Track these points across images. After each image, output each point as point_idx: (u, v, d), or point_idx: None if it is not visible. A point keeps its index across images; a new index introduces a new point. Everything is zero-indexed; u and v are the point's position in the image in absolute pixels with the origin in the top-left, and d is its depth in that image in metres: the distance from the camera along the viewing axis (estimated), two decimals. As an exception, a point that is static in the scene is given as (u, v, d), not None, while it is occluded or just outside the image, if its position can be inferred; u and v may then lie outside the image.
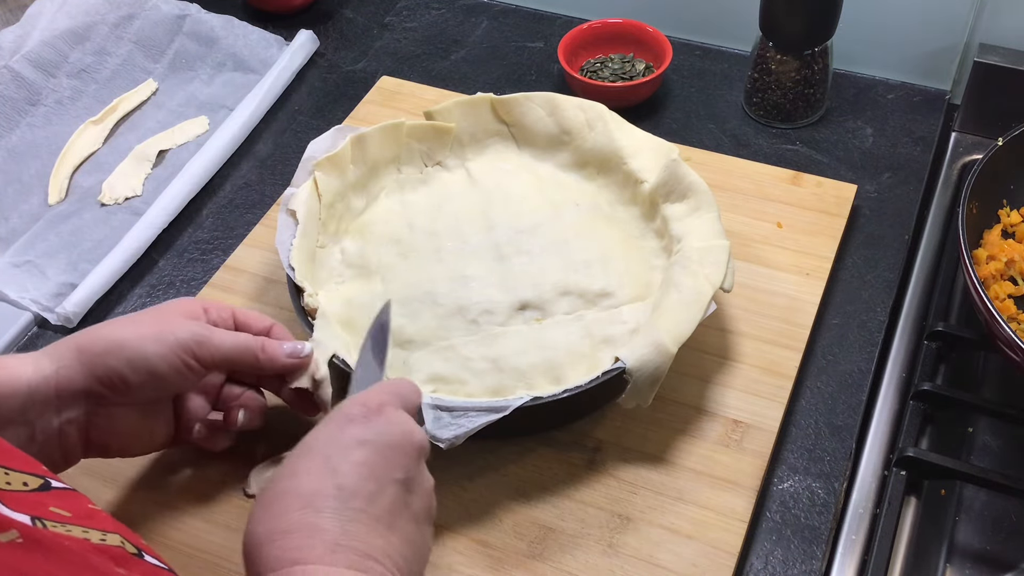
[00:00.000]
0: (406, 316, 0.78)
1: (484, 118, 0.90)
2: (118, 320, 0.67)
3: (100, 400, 0.65)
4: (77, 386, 0.64)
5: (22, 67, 1.09)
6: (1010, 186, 0.88)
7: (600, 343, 0.76)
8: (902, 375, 0.83)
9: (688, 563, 0.70)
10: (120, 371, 0.64)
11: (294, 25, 1.16)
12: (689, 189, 0.82)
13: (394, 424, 0.59)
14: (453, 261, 0.81)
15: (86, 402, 0.65)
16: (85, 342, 0.65)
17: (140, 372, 0.64)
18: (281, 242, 0.80)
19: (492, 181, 0.88)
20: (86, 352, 0.64)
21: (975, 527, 0.78)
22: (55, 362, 0.63)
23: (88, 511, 0.48)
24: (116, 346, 0.64)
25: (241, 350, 0.68)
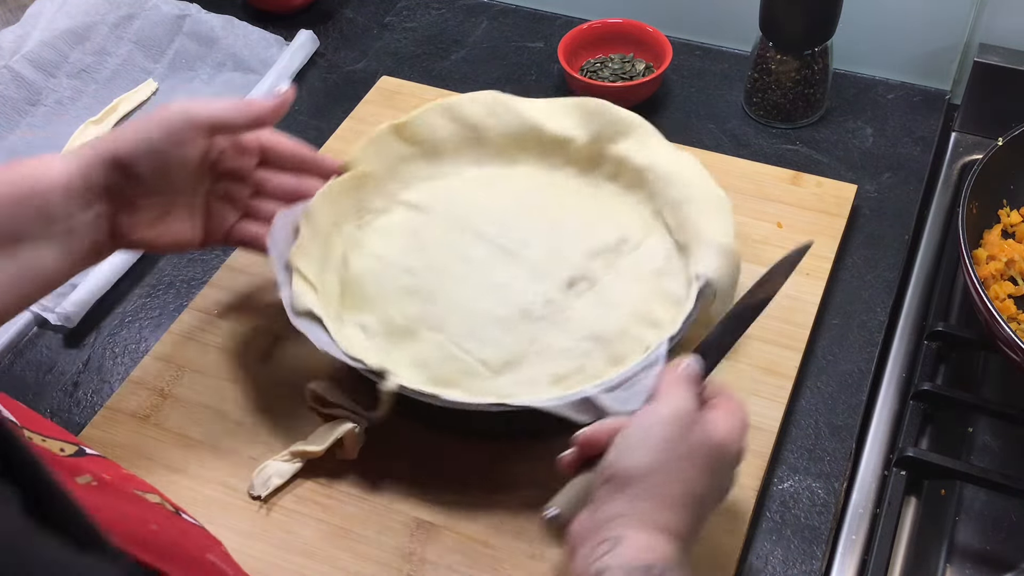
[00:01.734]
0: (482, 345, 0.75)
1: (394, 148, 0.87)
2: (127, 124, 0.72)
3: (120, 191, 0.70)
4: (100, 183, 0.68)
5: (22, 67, 1.09)
6: (1010, 186, 0.88)
7: (654, 278, 0.80)
8: (902, 375, 0.83)
9: (688, 563, 0.70)
10: (127, 155, 0.69)
11: (294, 25, 1.16)
12: (629, 126, 0.85)
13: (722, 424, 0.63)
14: (475, 279, 0.79)
15: (111, 199, 0.70)
16: (100, 142, 0.69)
17: (146, 156, 0.69)
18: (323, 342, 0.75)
19: (441, 202, 0.86)
20: (100, 149, 0.69)
21: (975, 527, 0.78)
22: (79, 163, 0.68)
23: (124, 475, 0.50)
24: (122, 134, 0.69)
25: (229, 107, 0.73)
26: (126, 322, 0.91)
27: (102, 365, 0.87)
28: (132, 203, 0.71)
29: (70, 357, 0.88)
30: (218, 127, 0.73)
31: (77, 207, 0.68)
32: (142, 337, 0.89)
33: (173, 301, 0.92)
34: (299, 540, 0.73)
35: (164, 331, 0.88)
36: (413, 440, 0.77)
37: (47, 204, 0.66)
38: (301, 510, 0.75)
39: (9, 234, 0.65)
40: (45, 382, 0.87)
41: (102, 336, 0.90)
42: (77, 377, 0.87)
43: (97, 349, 0.89)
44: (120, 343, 0.89)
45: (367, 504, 0.75)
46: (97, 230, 0.70)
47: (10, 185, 0.66)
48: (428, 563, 0.72)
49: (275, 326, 0.86)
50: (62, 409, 0.84)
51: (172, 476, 0.77)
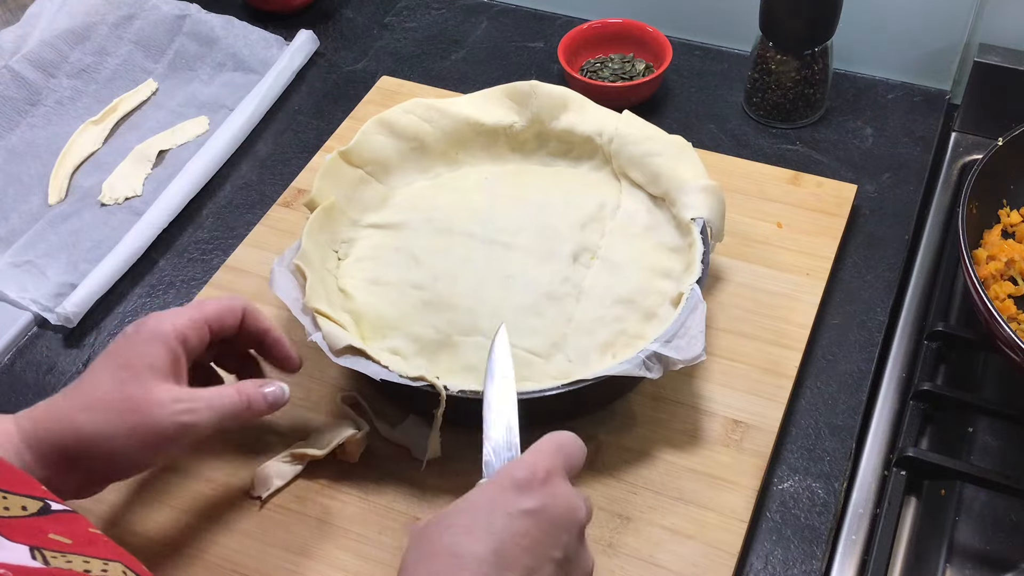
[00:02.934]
0: (522, 335, 0.76)
1: (346, 175, 0.86)
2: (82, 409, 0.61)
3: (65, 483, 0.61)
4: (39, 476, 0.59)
5: (22, 67, 1.09)
6: (1010, 186, 0.88)
7: (647, 233, 0.83)
8: (902, 375, 0.83)
9: (688, 563, 0.70)
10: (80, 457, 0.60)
11: (294, 25, 1.16)
12: (564, 100, 0.89)
13: (560, 498, 0.56)
14: (486, 276, 0.80)
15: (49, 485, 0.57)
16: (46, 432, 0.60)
17: (123, 468, 0.63)
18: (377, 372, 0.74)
19: (409, 216, 0.86)
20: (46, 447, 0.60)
21: (975, 527, 0.78)
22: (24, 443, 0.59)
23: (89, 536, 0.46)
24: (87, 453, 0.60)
25: (226, 416, 0.65)
26: (126, 322, 0.91)
27: (102, 365, 0.87)
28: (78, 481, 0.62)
29: (70, 357, 0.88)
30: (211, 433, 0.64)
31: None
32: (142, 337, 0.89)
33: (173, 301, 0.92)
34: (299, 540, 0.73)
35: (164, 331, 0.87)
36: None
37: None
38: (301, 510, 0.75)
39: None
40: (45, 382, 0.87)
41: (102, 336, 0.90)
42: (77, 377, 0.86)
43: (97, 349, 0.89)
44: (120, 343, 0.89)
45: (367, 504, 0.75)
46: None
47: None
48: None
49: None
50: (62, 409, 0.84)
51: (172, 476, 0.77)
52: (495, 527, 0.54)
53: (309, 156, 1.02)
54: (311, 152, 1.02)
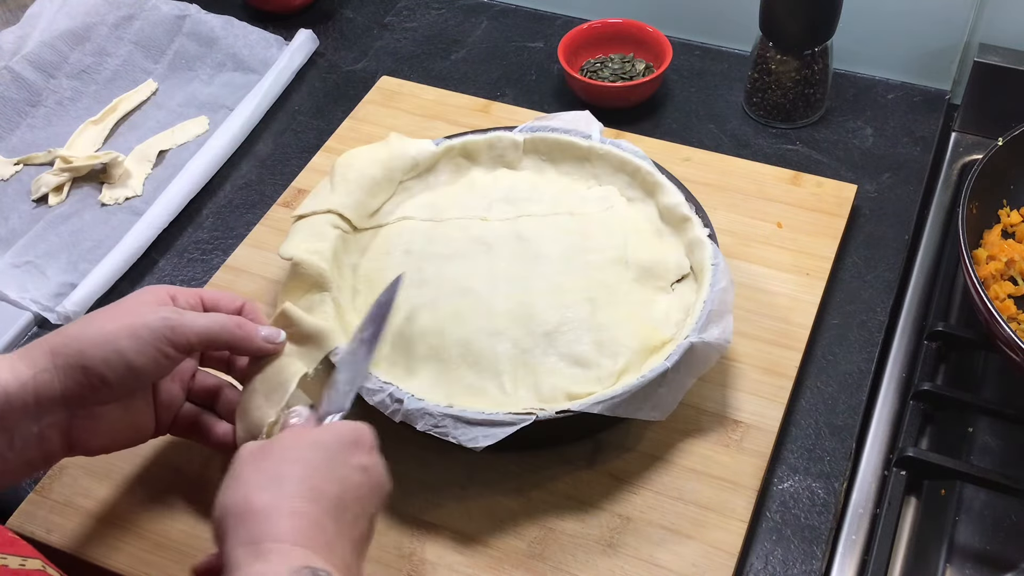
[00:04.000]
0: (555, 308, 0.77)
1: (321, 225, 0.82)
2: (88, 317, 0.65)
3: (81, 402, 0.64)
4: (56, 392, 0.62)
5: (22, 68, 1.09)
6: (1010, 186, 0.88)
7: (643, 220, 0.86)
8: (902, 375, 0.83)
9: (688, 563, 0.70)
10: (97, 371, 0.63)
11: (294, 25, 1.16)
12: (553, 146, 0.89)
13: (380, 466, 0.63)
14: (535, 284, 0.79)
15: (66, 406, 0.63)
16: (59, 344, 0.63)
17: (117, 369, 0.63)
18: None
19: (402, 239, 0.84)
20: (61, 355, 0.63)
21: (975, 527, 0.78)
22: (31, 367, 0.62)
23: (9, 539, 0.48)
24: (90, 346, 0.63)
25: (216, 329, 0.67)
26: (126, 322, 0.90)
27: (102, 365, 0.87)
28: (91, 412, 0.65)
29: (70, 357, 0.88)
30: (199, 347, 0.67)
31: (24, 417, 0.62)
32: (142, 337, 0.89)
33: (173, 301, 0.92)
34: (299, 540, 0.73)
35: (164, 331, 0.87)
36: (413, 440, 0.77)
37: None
38: (301, 510, 0.75)
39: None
40: (45, 382, 0.86)
41: (102, 336, 0.90)
42: (77, 377, 0.87)
43: (97, 349, 0.89)
44: (120, 343, 0.89)
45: (367, 504, 0.75)
46: (47, 440, 0.64)
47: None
48: (428, 563, 0.72)
49: (275, 326, 0.86)
50: (62, 409, 0.84)
51: (172, 476, 0.77)
52: (339, 473, 0.60)
53: (309, 156, 1.02)
54: (311, 152, 1.02)
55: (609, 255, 0.81)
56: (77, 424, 0.65)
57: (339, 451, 0.61)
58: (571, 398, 0.72)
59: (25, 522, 0.76)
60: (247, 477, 0.58)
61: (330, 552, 0.55)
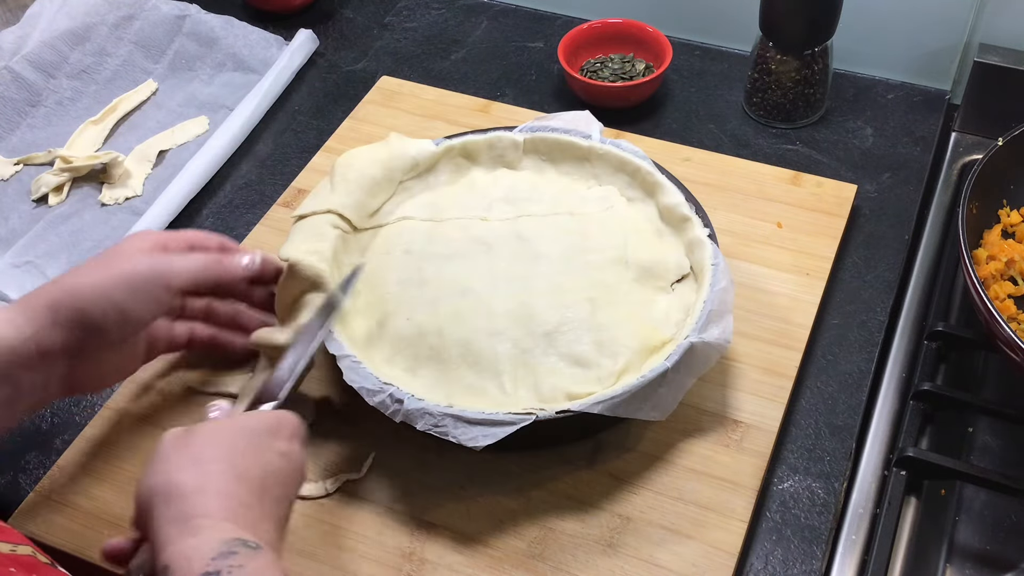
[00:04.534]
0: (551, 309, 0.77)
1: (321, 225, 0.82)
2: (82, 268, 0.69)
3: (80, 352, 0.68)
4: (56, 345, 0.66)
5: (22, 68, 1.09)
6: (1010, 186, 0.88)
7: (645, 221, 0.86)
8: (902, 375, 0.83)
9: (688, 563, 0.70)
10: (96, 323, 0.67)
11: (294, 25, 1.16)
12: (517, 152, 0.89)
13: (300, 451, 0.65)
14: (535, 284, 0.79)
15: (67, 357, 0.67)
16: (57, 299, 0.66)
17: (114, 319, 0.68)
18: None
19: (402, 239, 0.84)
20: (60, 311, 0.66)
21: (975, 527, 0.78)
22: (32, 323, 0.65)
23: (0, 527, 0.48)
24: (87, 301, 0.67)
25: (201, 269, 0.73)
26: (126, 322, 0.91)
27: (102, 365, 0.87)
28: (89, 357, 0.68)
29: (70, 357, 0.88)
30: (185, 287, 0.72)
31: (26, 369, 0.65)
32: (142, 337, 0.89)
33: (173, 301, 0.92)
34: (299, 540, 0.73)
35: (164, 331, 0.87)
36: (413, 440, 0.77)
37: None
38: (301, 510, 0.75)
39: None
40: (45, 382, 0.87)
41: (102, 336, 0.90)
42: (77, 377, 0.87)
43: (97, 349, 0.89)
44: (120, 343, 0.89)
45: (367, 504, 0.75)
46: (48, 389, 0.67)
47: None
48: (428, 563, 0.72)
49: (275, 326, 0.86)
50: (62, 409, 0.84)
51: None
52: (262, 458, 0.61)
53: (309, 156, 1.02)
54: (311, 152, 1.02)
55: (609, 255, 0.81)
56: (76, 371, 0.68)
57: (262, 436, 0.63)
58: (571, 398, 0.72)
59: (25, 522, 0.76)
60: (173, 459, 0.60)
61: (256, 530, 0.57)
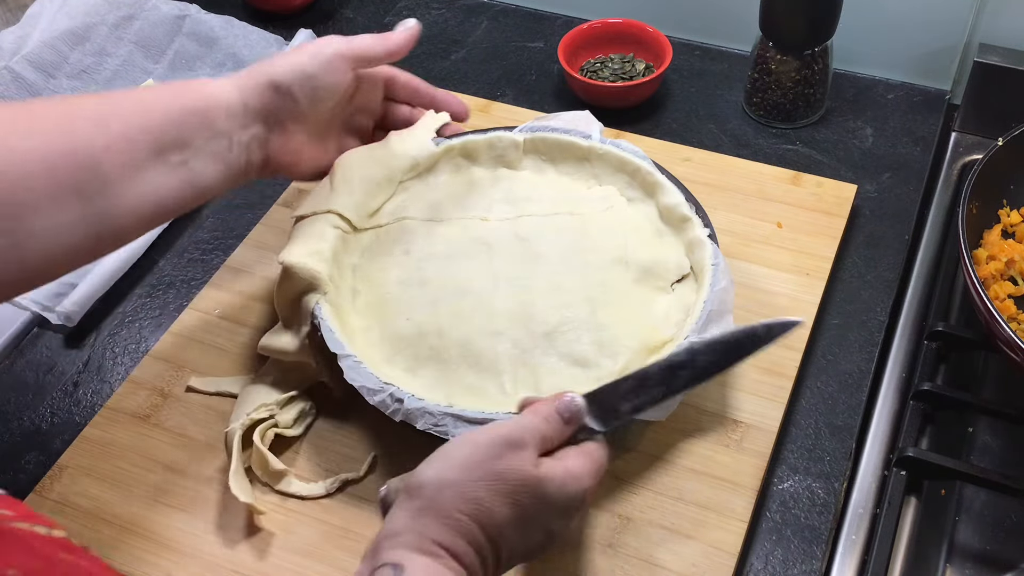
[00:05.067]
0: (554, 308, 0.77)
1: (321, 226, 0.82)
2: (275, 55, 0.78)
3: (276, 118, 0.76)
4: (256, 103, 0.74)
5: (22, 68, 1.09)
6: (1010, 186, 0.88)
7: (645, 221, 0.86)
8: (902, 375, 0.83)
9: (688, 563, 0.70)
10: (285, 86, 0.75)
11: (294, 25, 1.16)
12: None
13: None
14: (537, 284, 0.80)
15: (265, 121, 0.75)
16: (252, 72, 0.75)
17: (301, 84, 0.76)
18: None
19: (402, 239, 0.84)
20: (255, 78, 0.75)
21: (975, 527, 0.78)
22: (238, 88, 0.74)
23: (29, 513, 0.49)
24: (278, 70, 0.75)
25: (367, 36, 0.80)
26: (126, 322, 0.91)
27: (102, 365, 0.87)
28: (284, 126, 0.76)
29: (70, 357, 0.88)
30: (361, 59, 0.79)
31: (237, 126, 0.73)
32: (142, 337, 0.89)
33: (173, 301, 0.92)
34: (299, 540, 0.73)
35: (164, 331, 0.88)
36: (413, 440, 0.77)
37: (212, 120, 0.72)
38: (301, 510, 0.75)
39: (179, 141, 0.70)
40: (45, 382, 0.87)
41: (102, 336, 0.90)
42: (77, 377, 0.87)
43: (97, 349, 0.89)
44: (120, 343, 0.89)
45: (367, 504, 0.75)
46: (251, 150, 0.75)
47: (183, 98, 0.71)
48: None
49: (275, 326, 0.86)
50: (62, 409, 0.84)
51: (172, 476, 0.77)
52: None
53: (309, 156, 1.02)
54: (311, 152, 1.02)
55: (609, 255, 0.81)
56: (274, 140, 0.76)
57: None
58: None
59: (25, 522, 0.76)
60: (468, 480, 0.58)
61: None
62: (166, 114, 0.70)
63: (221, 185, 0.74)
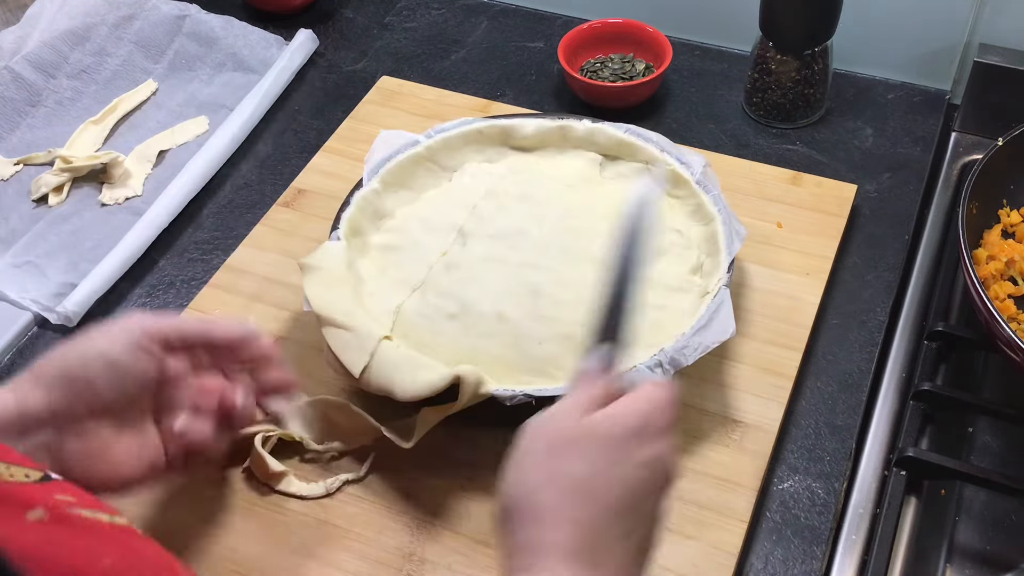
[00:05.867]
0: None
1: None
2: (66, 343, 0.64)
3: (69, 414, 0.61)
4: (41, 405, 0.60)
5: (22, 68, 1.09)
6: (1010, 186, 0.88)
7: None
8: (902, 375, 0.83)
9: (688, 563, 0.70)
10: (79, 374, 0.61)
11: (294, 25, 1.16)
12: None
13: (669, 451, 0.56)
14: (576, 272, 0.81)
15: (53, 422, 0.60)
16: (39, 366, 0.62)
17: (98, 368, 0.61)
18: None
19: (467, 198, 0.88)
20: (43, 373, 0.61)
21: (975, 527, 0.78)
22: (14, 390, 0.61)
23: (88, 497, 0.48)
24: (70, 356, 0.62)
25: (192, 323, 0.66)
26: (126, 322, 0.91)
27: (102, 365, 0.87)
28: (83, 428, 0.61)
29: (70, 357, 0.88)
30: (179, 342, 0.65)
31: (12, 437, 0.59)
32: (142, 337, 0.89)
33: (173, 301, 0.92)
34: (299, 540, 0.73)
35: (164, 331, 0.87)
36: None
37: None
38: (301, 510, 0.75)
39: None
40: (45, 382, 0.87)
41: (102, 336, 0.90)
42: (77, 377, 0.87)
43: (97, 349, 0.89)
44: (120, 343, 0.89)
45: (367, 504, 0.75)
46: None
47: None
48: (428, 563, 0.72)
49: (275, 326, 0.86)
50: (62, 409, 0.84)
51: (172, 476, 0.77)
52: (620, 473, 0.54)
53: (309, 156, 1.02)
54: (311, 152, 1.02)
55: None
56: (68, 446, 0.61)
57: (625, 446, 0.55)
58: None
59: (25, 522, 0.76)
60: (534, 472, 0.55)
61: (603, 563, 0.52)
62: None
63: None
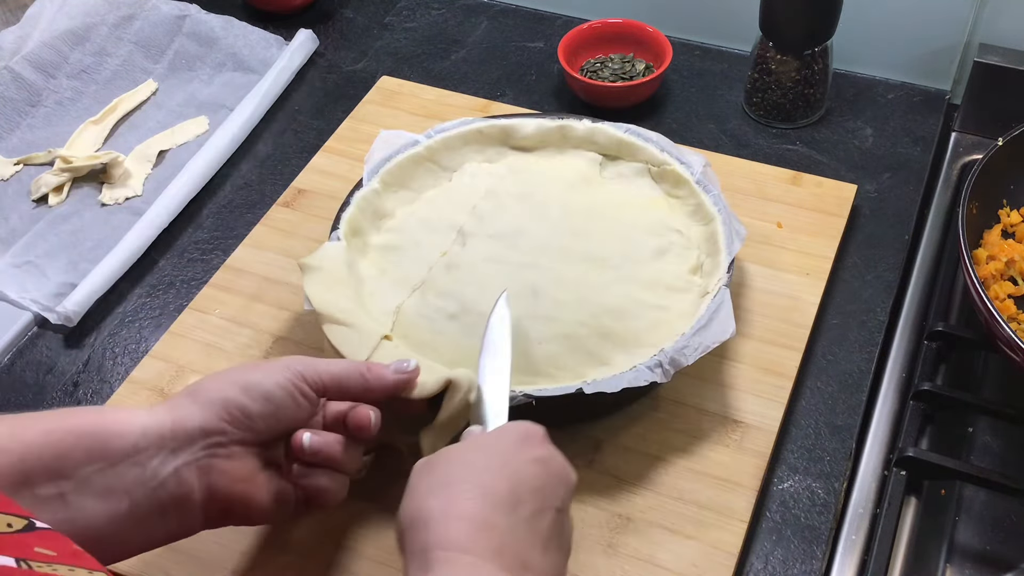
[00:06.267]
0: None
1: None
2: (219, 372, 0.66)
3: (219, 438, 0.62)
4: (194, 423, 0.61)
5: (22, 68, 1.09)
6: (1010, 186, 0.88)
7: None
8: (902, 375, 0.83)
9: (688, 563, 0.70)
10: (237, 400, 0.63)
11: (294, 25, 1.16)
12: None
13: (558, 456, 0.62)
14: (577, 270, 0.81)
15: (204, 442, 0.62)
16: (196, 387, 0.64)
17: (255, 397, 0.63)
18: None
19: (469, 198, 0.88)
20: (200, 393, 0.63)
21: (975, 527, 0.78)
22: (170, 410, 0.62)
23: (73, 551, 0.46)
24: (228, 383, 0.64)
25: (348, 370, 0.67)
26: (126, 322, 0.91)
27: (102, 365, 0.87)
28: (231, 451, 0.63)
29: (70, 357, 0.88)
30: (335, 390, 0.67)
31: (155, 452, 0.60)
32: (142, 337, 0.89)
33: (173, 301, 0.92)
34: (299, 540, 0.73)
35: (164, 331, 0.88)
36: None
37: (109, 445, 0.58)
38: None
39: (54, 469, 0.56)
40: (45, 382, 0.87)
41: (102, 336, 0.90)
42: (77, 377, 0.87)
43: (97, 349, 0.89)
44: (120, 343, 0.89)
45: (367, 504, 0.75)
46: (183, 480, 0.60)
47: (73, 417, 0.59)
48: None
49: (275, 326, 0.86)
50: (62, 409, 0.84)
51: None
52: (509, 469, 0.59)
53: (309, 156, 1.02)
54: (311, 152, 1.02)
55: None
56: (216, 466, 0.62)
57: (508, 448, 0.60)
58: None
59: (25, 522, 0.76)
60: (421, 486, 0.59)
61: (500, 555, 0.54)
62: (46, 434, 0.56)
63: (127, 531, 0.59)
